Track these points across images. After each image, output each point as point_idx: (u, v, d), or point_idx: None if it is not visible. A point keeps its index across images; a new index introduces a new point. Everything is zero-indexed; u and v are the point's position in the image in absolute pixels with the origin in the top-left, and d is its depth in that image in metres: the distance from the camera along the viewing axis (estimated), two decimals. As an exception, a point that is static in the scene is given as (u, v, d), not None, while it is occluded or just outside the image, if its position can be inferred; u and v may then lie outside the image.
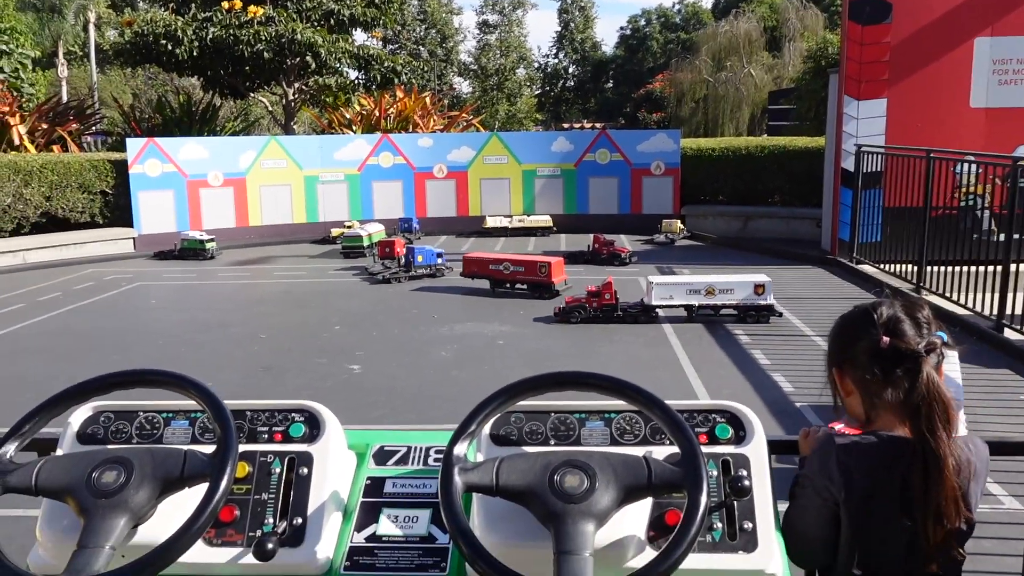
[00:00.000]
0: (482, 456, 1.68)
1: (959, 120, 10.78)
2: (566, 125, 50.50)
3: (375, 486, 1.70)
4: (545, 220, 14.89)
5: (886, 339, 1.62)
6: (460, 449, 1.50)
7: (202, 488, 1.40)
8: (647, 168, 15.07)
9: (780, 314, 8.31)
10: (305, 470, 1.61)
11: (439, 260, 10.96)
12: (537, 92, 55.40)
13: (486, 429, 1.74)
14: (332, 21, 17.50)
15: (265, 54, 16.04)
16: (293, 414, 1.70)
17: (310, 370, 6.99)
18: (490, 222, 14.90)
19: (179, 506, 1.47)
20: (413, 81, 18.97)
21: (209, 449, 1.47)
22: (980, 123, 10.81)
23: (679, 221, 14.24)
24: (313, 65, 16.57)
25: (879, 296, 1.77)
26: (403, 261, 10.84)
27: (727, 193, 14.85)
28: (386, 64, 17.37)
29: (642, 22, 54.30)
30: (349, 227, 13.83)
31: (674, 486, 1.45)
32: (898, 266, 9.88)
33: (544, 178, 15.34)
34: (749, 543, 1.58)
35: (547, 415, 1.82)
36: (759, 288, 8.18)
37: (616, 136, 15.73)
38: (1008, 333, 7.22)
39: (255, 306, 9.86)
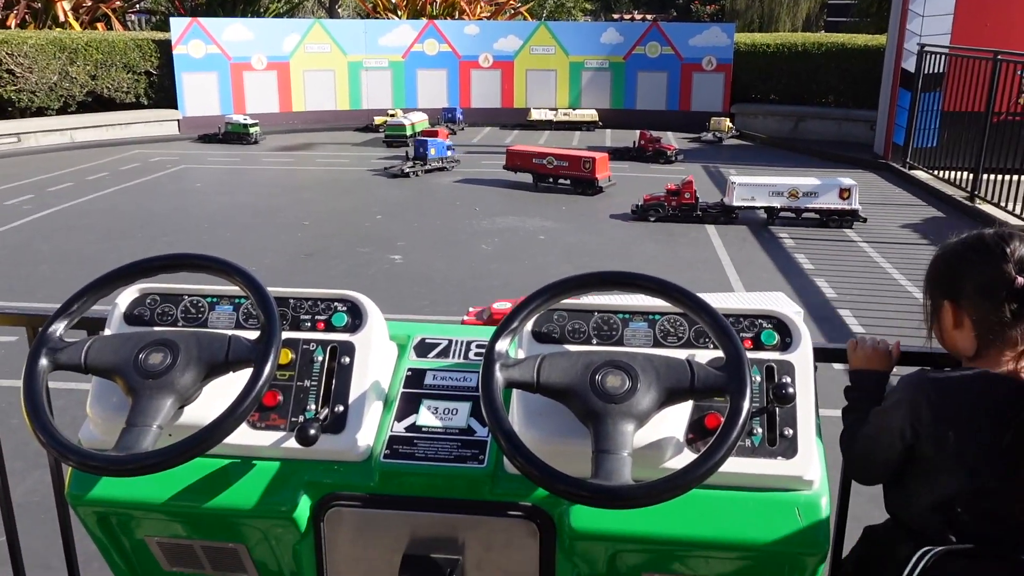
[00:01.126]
0: (523, 353, 1.67)
1: (1033, 20, 10.20)
2: (616, 16, 48.76)
3: (416, 377, 1.72)
4: (591, 114, 14.60)
5: (1021, 280, 1.54)
6: (502, 345, 1.49)
7: (246, 373, 1.43)
8: (698, 63, 14.60)
9: (865, 219, 8.15)
10: (347, 359, 1.63)
11: (449, 152, 10.80)
12: (588, -21, 53.33)
13: (528, 326, 1.72)
14: None
15: (309, -69, 15.61)
16: (336, 303, 1.70)
17: (352, 258, 7.07)
18: (535, 115, 14.65)
19: (224, 389, 1.49)
20: (460, -35, 18.36)
21: (253, 335, 1.49)
22: (1055, 24, 10.22)
23: (728, 119, 13.87)
24: (359, -55, 16.09)
25: (996, 229, 1.64)
26: (411, 154, 10.63)
27: (780, 92, 14.36)
28: (433, -54, 16.80)
29: (702, -95, 51.51)
30: (392, 115, 13.68)
31: (717, 390, 1.44)
32: (953, 173, 9.57)
33: (592, 71, 14.95)
34: (789, 449, 1.58)
35: (591, 314, 1.79)
36: (844, 192, 8.02)
37: (668, 29, 15.19)
38: (1063, 247, 7.01)
39: (298, 192, 9.91)
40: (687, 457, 1.46)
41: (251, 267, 1.56)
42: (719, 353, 1.48)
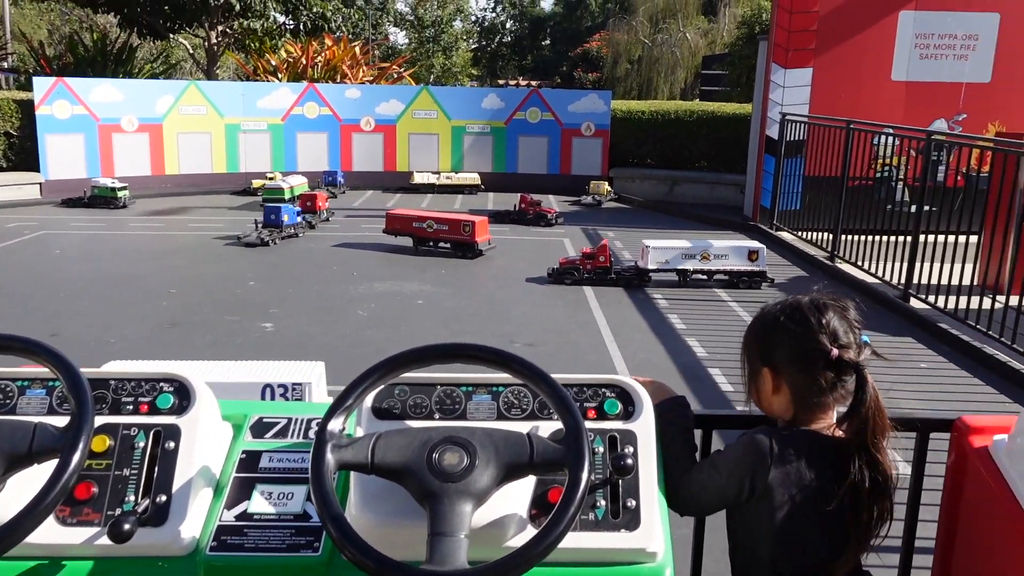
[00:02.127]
0: (362, 430, 1.63)
1: (880, 92, 10.96)
2: (502, 81, 49.99)
3: (250, 460, 1.63)
4: (473, 178, 14.74)
5: (836, 351, 1.60)
6: (335, 425, 1.44)
7: (53, 464, 1.34)
8: (577, 128, 15.01)
9: (772, 280, 8.42)
10: (172, 444, 1.52)
11: (299, 219, 10.50)
12: (473, 47, 54.62)
13: (368, 402, 1.69)
14: (258, -39, 16.81)
15: (187, -8, 15.37)
16: (162, 383, 1.61)
17: (221, 327, 6.79)
18: (417, 178, 14.68)
19: (31, 483, 1.37)
20: (343, 29, 18.42)
21: (64, 421, 1.39)
22: (900, 96, 11.02)
23: (607, 183, 14.25)
24: (238, 7, 15.93)
25: (814, 291, 1.73)
26: (261, 222, 10.14)
27: (655, 156, 14.90)
28: (315, 10, 16.81)
29: (581, -21, 53.79)
30: (271, 179, 13.43)
31: (556, 464, 1.42)
32: (815, 234, 10.06)
33: (474, 135, 15.15)
34: (632, 521, 1.57)
35: (432, 388, 1.78)
36: (753, 255, 8.32)
37: (548, 95, 15.60)
38: (913, 302, 7.42)
39: (166, 258, 9.52)
40: (530, 534, 1.42)
41: (109, 339, 1.44)
42: (562, 424, 1.46)
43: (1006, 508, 1.77)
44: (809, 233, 10.23)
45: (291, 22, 17.37)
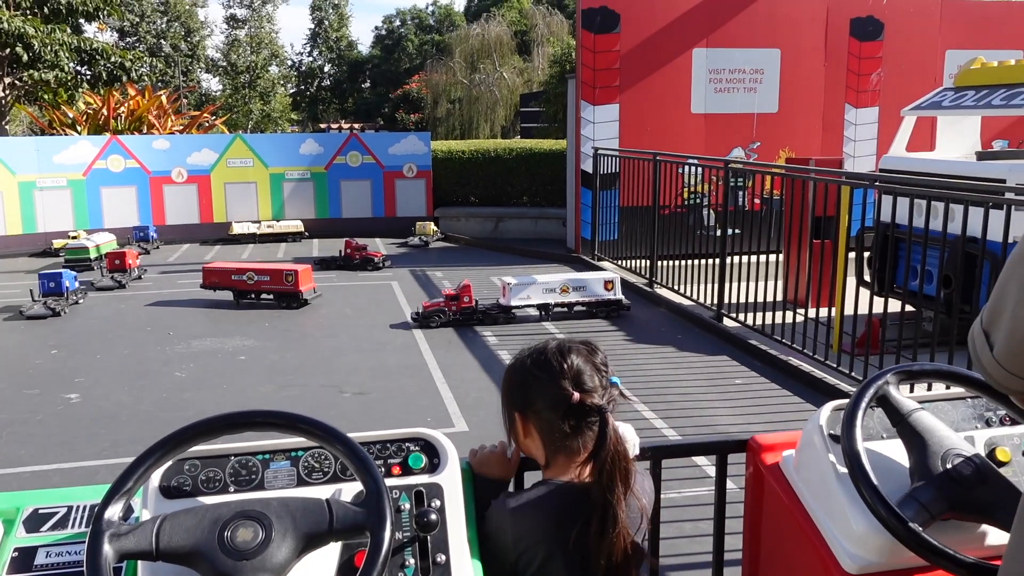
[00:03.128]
0: (149, 513, 1.53)
1: (683, 125, 11.65)
2: (324, 125, 49.46)
3: (23, 559, 1.50)
4: (296, 225, 14.39)
5: (577, 395, 1.61)
6: (113, 512, 1.35)
7: None
8: (399, 170, 15.00)
9: (628, 307, 8.61)
10: None
11: (76, 283, 9.57)
12: (292, 91, 53.77)
13: (155, 481, 1.59)
14: (47, 9, 15.80)
15: (-34, 44, 14.22)
16: None
17: (18, 403, 6.22)
18: (237, 228, 14.16)
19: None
20: (146, 78, 17.61)
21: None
22: (701, 128, 11.75)
23: (432, 223, 14.31)
24: (26, 58, 14.89)
25: (560, 341, 1.74)
26: (37, 292, 9.14)
27: (479, 195, 15.12)
28: (113, 59, 15.97)
29: (397, 22, 54.28)
30: (74, 237, 12.56)
31: (358, 528, 1.38)
32: (633, 262, 10.50)
33: (294, 181, 14.81)
34: None
35: (226, 459, 1.70)
36: (608, 284, 8.55)
37: (367, 139, 15.52)
38: (726, 322, 7.86)
39: (-46, 332, 8.65)
40: None
41: None
42: None
43: (797, 520, 1.87)
44: (628, 261, 10.66)
45: (88, 72, 16.39)
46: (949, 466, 1.65)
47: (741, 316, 7.65)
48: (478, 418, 5.73)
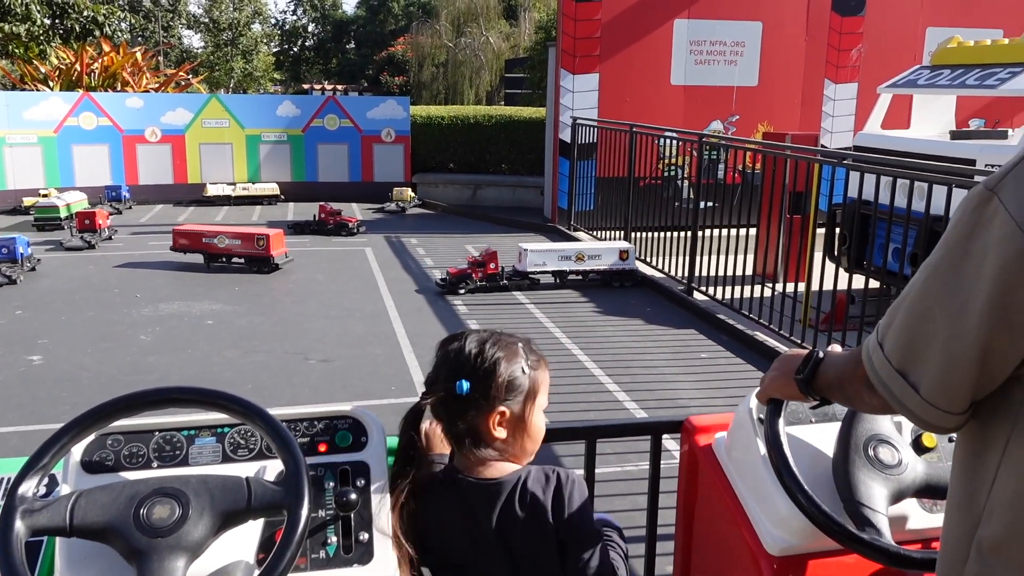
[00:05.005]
0: (69, 488, 1.52)
1: (662, 96, 11.58)
2: (306, 86, 48.90)
3: None
4: (272, 188, 14.25)
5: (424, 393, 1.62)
6: (28, 487, 1.34)
7: None
8: (377, 135, 14.85)
9: (642, 278, 8.66)
10: None
11: (29, 249, 9.10)
12: (275, 50, 53.01)
13: (76, 455, 1.57)
14: (18, -39, 15.44)
15: (-67, -6, 13.87)
16: None
17: (-23, 364, 6.15)
18: (211, 190, 14.00)
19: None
20: (120, 33, 17.25)
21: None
22: (680, 100, 11.69)
23: (410, 189, 14.21)
24: (-4, 9, 14.56)
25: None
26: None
27: (457, 161, 15.01)
28: (86, 13, 15.62)
29: (382, -17, 53.45)
30: (45, 196, 12.37)
31: (276, 506, 1.38)
32: (608, 232, 10.48)
33: (270, 144, 14.63)
34: (365, 555, 1.55)
35: (150, 434, 1.68)
36: (623, 254, 8.60)
37: (345, 102, 15.34)
38: (696, 295, 7.87)
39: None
40: None
41: None
42: None
43: (726, 501, 1.88)
44: (604, 232, 10.64)
45: (61, 26, 16.02)
46: (871, 452, 1.66)
47: (712, 290, 7.67)
48: (442, 387, 5.72)
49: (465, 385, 1.53)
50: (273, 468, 1.61)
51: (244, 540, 1.47)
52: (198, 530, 1.33)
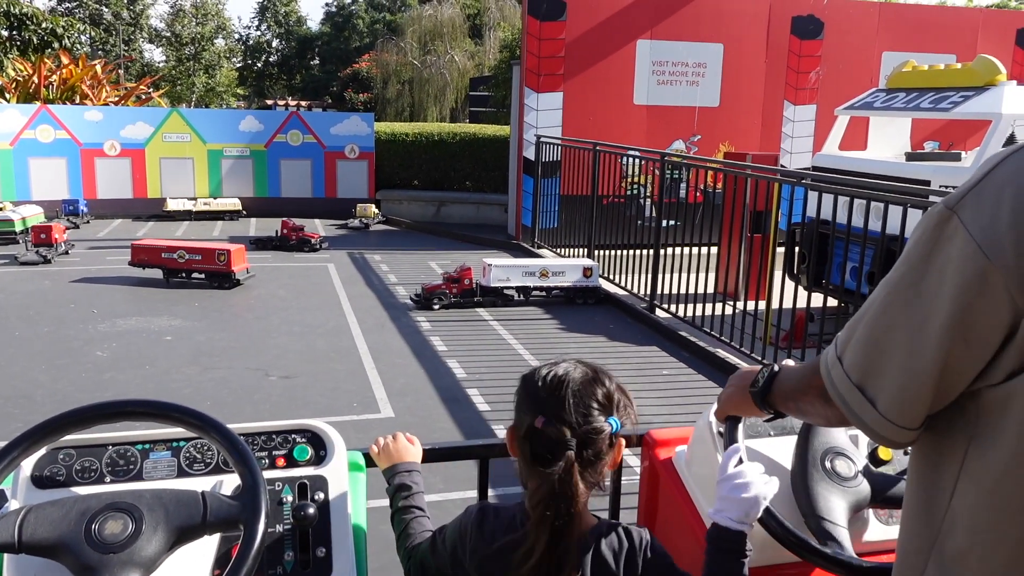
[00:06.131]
0: (18, 503, 1.49)
1: (625, 116, 11.69)
2: (270, 102, 48.54)
3: None
4: (233, 203, 14.12)
5: (541, 419, 1.41)
6: None
7: None
8: (341, 151, 14.80)
9: (605, 295, 8.68)
10: None
11: None
12: (239, 65, 52.65)
13: (26, 470, 1.55)
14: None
15: None
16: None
17: (-75, 380, 5.99)
18: (172, 205, 13.83)
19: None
20: (80, 46, 17.04)
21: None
22: (643, 119, 11.81)
23: (374, 206, 14.17)
24: (-50, 20, 14.31)
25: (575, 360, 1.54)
26: None
27: (421, 178, 15.00)
28: (44, 25, 15.40)
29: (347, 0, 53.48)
30: (0, 209, 12.12)
31: (231, 521, 1.36)
32: (572, 250, 10.52)
33: (232, 159, 14.50)
34: (323, 570, 1.53)
35: (103, 448, 1.65)
36: (587, 271, 8.63)
37: (308, 117, 15.27)
38: (658, 313, 7.93)
39: None
40: None
41: None
42: None
43: (686, 515, 1.88)
44: (567, 250, 10.69)
45: (18, 37, 15.78)
46: (828, 465, 1.68)
47: (674, 307, 7.73)
48: (405, 404, 5.70)
49: (616, 423, 1.44)
50: (230, 483, 1.59)
51: (200, 556, 1.44)
52: (152, 545, 1.30)
